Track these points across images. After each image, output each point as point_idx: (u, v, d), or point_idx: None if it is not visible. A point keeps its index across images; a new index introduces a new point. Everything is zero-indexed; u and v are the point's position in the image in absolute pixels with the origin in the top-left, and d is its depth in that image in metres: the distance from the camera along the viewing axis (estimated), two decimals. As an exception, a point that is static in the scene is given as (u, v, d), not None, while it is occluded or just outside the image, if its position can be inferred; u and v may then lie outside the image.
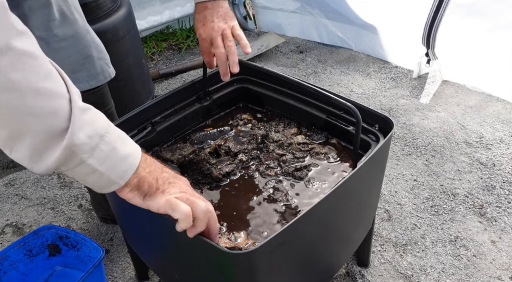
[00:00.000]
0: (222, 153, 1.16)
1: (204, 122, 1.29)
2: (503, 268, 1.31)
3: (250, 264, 0.80)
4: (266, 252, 0.80)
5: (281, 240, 0.81)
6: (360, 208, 1.08)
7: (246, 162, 1.15)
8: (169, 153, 1.16)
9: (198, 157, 1.13)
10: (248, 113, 1.31)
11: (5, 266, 1.24)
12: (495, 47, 1.90)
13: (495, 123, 1.85)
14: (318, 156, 1.14)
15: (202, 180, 1.09)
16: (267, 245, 0.77)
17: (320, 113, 1.20)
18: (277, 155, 1.15)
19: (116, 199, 1.02)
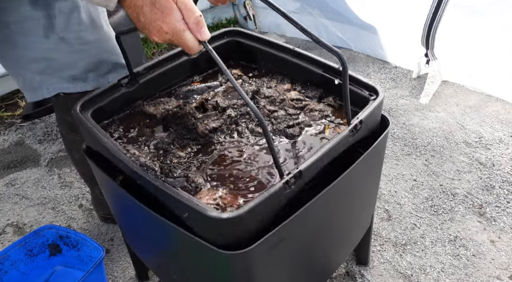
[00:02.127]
0: (210, 108, 1.08)
1: (191, 77, 1.20)
2: (502, 267, 1.31)
3: (247, 263, 0.80)
4: (262, 251, 0.80)
5: (277, 239, 0.81)
6: (358, 206, 1.08)
7: (235, 117, 1.06)
8: (152, 107, 1.09)
9: (183, 111, 1.05)
10: (239, 68, 1.22)
11: (6, 265, 1.25)
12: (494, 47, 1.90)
13: (494, 123, 1.85)
14: (313, 113, 1.05)
15: (187, 135, 1.01)
16: (264, 244, 0.78)
17: (316, 68, 1.10)
18: (268, 111, 1.07)
19: (115, 199, 1.03)
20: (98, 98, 1.04)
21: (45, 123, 2.03)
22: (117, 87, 1.07)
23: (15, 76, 1.17)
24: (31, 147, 1.91)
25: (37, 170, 1.78)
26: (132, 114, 1.10)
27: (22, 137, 1.96)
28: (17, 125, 2.04)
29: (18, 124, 2.04)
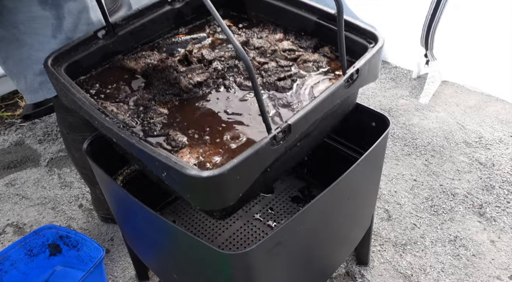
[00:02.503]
0: (194, 61, 0.99)
1: (176, 29, 1.11)
2: (502, 267, 1.31)
3: (247, 264, 0.80)
4: (263, 252, 0.80)
5: (277, 240, 0.81)
6: (357, 206, 1.08)
7: (222, 71, 0.97)
8: (133, 62, 1.00)
9: (164, 64, 0.96)
10: (228, 19, 1.12)
11: (6, 265, 1.25)
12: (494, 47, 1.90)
13: (494, 123, 1.85)
14: (306, 64, 0.97)
15: (169, 90, 0.93)
16: (264, 245, 0.78)
17: (311, 14, 1.01)
18: (258, 63, 0.98)
19: (115, 199, 1.03)
20: (73, 52, 0.94)
21: (45, 123, 2.03)
22: (93, 39, 0.98)
23: (17, 78, 1.17)
24: (31, 147, 1.90)
25: (37, 170, 1.78)
26: (110, 70, 1.01)
27: (22, 137, 1.96)
28: (17, 125, 2.04)
29: (18, 124, 2.04)
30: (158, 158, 0.71)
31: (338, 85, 0.81)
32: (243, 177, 0.71)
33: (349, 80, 0.83)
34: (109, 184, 0.98)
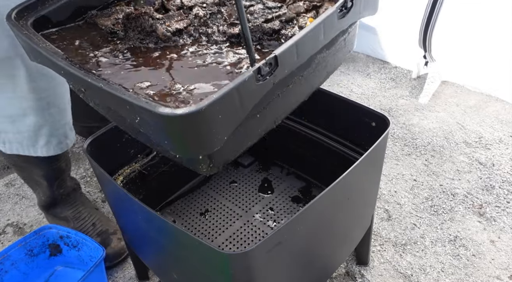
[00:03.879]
0: (172, 8, 0.90)
1: None
2: (502, 267, 1.31)
3: (247, 264, 0.80)
4: (263, 252, 0.80)
5: (277, 240, 0.81)
6: (357, 206, 1.08)
7: (204, 18, 0.88)
8: (105, 18, 0.91)
9: (138, 11, 0.87)
10: None
11: (6, 265, 1.25)
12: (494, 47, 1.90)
13: (494, 123, 1.85)
14: (297, 4, 0.86)
15: (145, 40, 0.85)
16: (264, 245, 0.78)
17: None
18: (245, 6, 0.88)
19: (115, 199, 1.03)
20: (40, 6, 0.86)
21: (45, 123, 2.03)
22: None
23: None
24: (31, 147, 1.90)
25: (37, 170, 1.78)
26: (83, 26, 0.92)
27: (22, 137, 1.96)
28: (17, 125, 2.04)
29: (18, 124, 2.04)
30: (128, 100, 0.62)
31: (330, 13, 0.72)
32: (225, 117, 0.61)
33: (343, 8, 0.75)
34: (109, 184, 0.98)
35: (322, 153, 1.30)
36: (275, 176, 1.45)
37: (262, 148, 1.49)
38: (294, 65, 0.70)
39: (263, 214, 1.32)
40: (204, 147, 0.64)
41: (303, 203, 1.35)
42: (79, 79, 0.71)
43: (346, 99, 1.15)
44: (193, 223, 1.31)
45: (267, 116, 0.77)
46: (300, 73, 0.77)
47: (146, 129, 0.66)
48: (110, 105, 0.70)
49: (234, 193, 1.40)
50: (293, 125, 1.33)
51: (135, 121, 0.66)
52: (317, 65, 0.82)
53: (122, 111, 0.67)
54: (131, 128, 0.78)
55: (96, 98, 0.76)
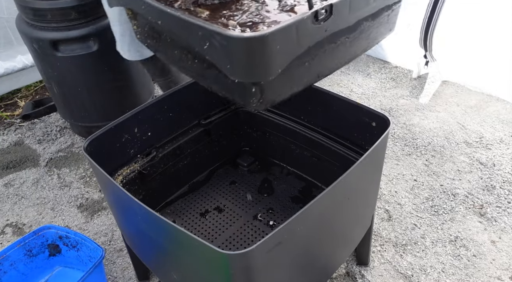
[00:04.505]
0: None
1: None
2: (503, 268, 1.31)
3: (247, 264, 0.79)
4: (262, 252, 0.80)
5: (277, 240, 0.81)
6: (358, 206, 1.08)
7: None
8: None
9: None
10: None
11: (5, 266, 1.24)
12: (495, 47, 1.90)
13: (495, 123, 1.85)
14: None
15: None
16: (263, 245, 0.77)
17: None
18: None
19: (115, 199, 1.02)
20: None
21: (45, 123, 2.02)
22: None
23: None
24: (30, 147, 1.90)
25: (36, 170, 1.78)
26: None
27: (22, 137, 1.96)
28: (17, 125, 2.03)
29: (17, 124, 2.04)
30: (203, 25, 0.73)
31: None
32: (283, 48, 0.70)
33: None
34: (109, 184, 0.97)
35: (322, 153, 1.29)
36: (275, 176, 1.44)
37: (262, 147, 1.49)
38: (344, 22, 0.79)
39: (263, 214, 1.32)
40: (261, 73, 0.73)
41: (303, 203, 1.35)
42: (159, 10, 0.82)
43: (347, 99, 1.14)
44: (193, 223, 1.31)
45: (313, 68, 0.86)
46: (346, 34, 0.86)
47: (213, 55, 0.74)
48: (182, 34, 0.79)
49: (234, 193, 1.39)
50: (293, 125, 1.33)
51: (203, 48, 0.75)
52: (361, 32, 0.89)
53: (193, 39, 0.76)
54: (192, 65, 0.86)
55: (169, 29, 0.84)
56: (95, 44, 1.61)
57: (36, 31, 1.57)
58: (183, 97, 1.26)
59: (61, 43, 1.58)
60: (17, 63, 2.08)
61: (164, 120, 1.25)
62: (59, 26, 1.56)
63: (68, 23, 1.56)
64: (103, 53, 1.63)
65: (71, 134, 1.95)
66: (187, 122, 1.33)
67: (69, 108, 1.78)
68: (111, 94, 1.74)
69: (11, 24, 1.84)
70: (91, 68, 1.65)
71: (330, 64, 0.93)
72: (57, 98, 1.79)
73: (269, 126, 1.40)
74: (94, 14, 1.59)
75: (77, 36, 1.57)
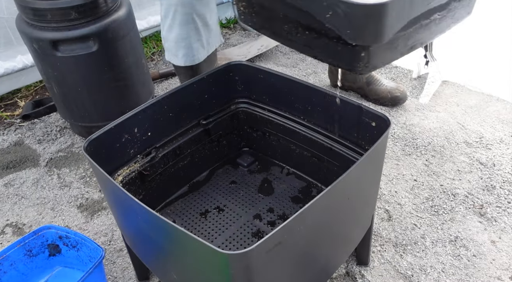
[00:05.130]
0: None
1: None
2: (503, 268, 1.31)
3: (247, 264, 0.79)
4: (262, 252, 0.80)
5: (277, 240, 0.81)
6: (358, 206, 1.08)
7: None
8: None
9: None
10: None
11: (5, 266, 1.24)
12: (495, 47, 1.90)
13: (495, 123, 1.85)
14: None
15: None
16: (263, 245, 0.77)
17: None
18: None
19: (115, 199, 1.02)
20: None
21: (45, 123, 2.02)
22: None
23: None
24: (30, 147, 1.90)
25: (36, 170, 1.78)
26: None
27: (21, 137, 1.96)
28: (16, 125, 2.03)
29: (17, 124, 2.04)
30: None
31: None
32: (397, 15, 0.82)
33: None
34: (109, 184, 0.97)
35: (322, 153, 1.29)
36: (275, 176, 1.45)
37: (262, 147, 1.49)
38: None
39: (263, 214, 1.32)
40: (377, 37, 0.84)
41: (303, 203, 1.35)
42: None
43: (347, 99, 1.14)
44: (193, 223, 1.31)
45: (409, 39, 0.99)
46: (438, 11, 0.98)
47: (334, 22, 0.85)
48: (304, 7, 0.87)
49: (234, 193, 1.39)
50: (293, 125, 1.33)
51: (325, 17, 0.85)
52: (448, 11, 1.02)
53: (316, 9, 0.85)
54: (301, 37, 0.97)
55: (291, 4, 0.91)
56: (95, 44, 1.61)
57: (36, 31, 1.57)
58: (183, 97, 1.26)
59: (61, 43, 1.58)
60: (17, 63, 2.08)
61: (164, 120, 1.25)
62: (59, 26, 1.56)
63: (68, 23, 1.56)
64: (103, 53, 1.63)
65: (71, 134, 1.96)
66: (187, 122, 1.33)
67: (69, 108, 1.78)
68: (111, 94, 1.74)
69: (11, 24, 1.84)
70: (91, 68, 1.65)
71: (421, 38, 1.04)
72: (57, 98, 1.79)
73: (269, 126, 1.40)
74: (94, 14, 1.59)
75: (77, 36, 1.57)
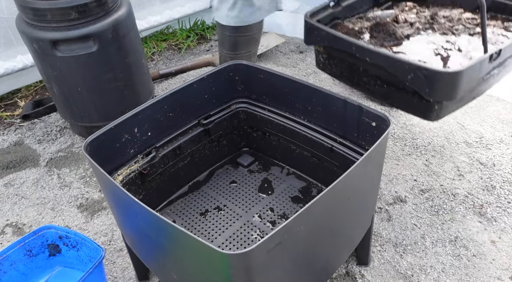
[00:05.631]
0: (401, 21, 1.45)
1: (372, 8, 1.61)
2: (503, 268, 1.31)
3: (247, 264, 0.80)
4: (262, 252, 0.80)
5: (277, 240, 0.81)
6: (358, 206, 1.08)
7: (421, 29, 1.41)
8: (350, 24, 1.47)
9: (383, 21, 1.42)
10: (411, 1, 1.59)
11: (5, 266, 1.24)
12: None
13: (495, 123, 1.85)
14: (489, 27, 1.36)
15: (387, 39, 1.35)
16: (263, 245, 0.77)
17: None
18: (448, 26, 1.40)
19: (115, 200, 1.02)
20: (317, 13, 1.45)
21: (45, 123, 2.02)
22: (326, 8, 1.46)
23: None
24: (30, 147, 1.90)
25: (36, 170, 1.78)
26: (335, 26, 1.47)
27: (22, 137, 1.96)
28: (17, 125, 2.03)
29: (17, 124, 2.04)
30: (410, 62, 1.11)
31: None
32: (468, 79, 1.06)
33: None
34: (109, 184, 0.97)
35: (322, 153, 1.29)
36: (275, 176, 1.45)
37: (262, 147, 1.49)
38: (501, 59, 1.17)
39: (263, 214, 1.32)
40: (451, 95, 1.12)
41: (303, 203, 1.35)
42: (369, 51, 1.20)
43: (347, 99, 1.14)
44: (193, 223, 1.31)
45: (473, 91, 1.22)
46: (497, 68, 1.21)
47: (413, 83, 1.11)
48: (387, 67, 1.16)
49: (234, 193, 1.39)
50: (293, 125, 1.33)
51: (406, 78, 1.11)
52: (504, 67, 1.25)
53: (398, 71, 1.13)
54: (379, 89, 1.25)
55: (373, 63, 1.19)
56: (95, 44, 1.61)
57: (36, 31, 1.57)
58: (183, 97, 1.26)
59: (61, 43, 1.58)
60: (17, 63, 2.08)
61: (164, 120, 1.25)
62: (59, 26, 1.56)
63: (68, 23, 1.56)
64: (103, 53, 1.63)
65: (71, 134, 1.96)
66: (187, 122, 1.33)
67: (69, 108, 1.78)
68: (111, 94, 1.74)
69: (11, 24, 1.84)
70: (91, 68, 1.65)
71: (482, 89, 1.28)
72: (57, 98, 1.79)
73: (269, 126, 1.40)
74: (94, 14, 1.59)
75: (77, 36, 1.57)
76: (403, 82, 1.13)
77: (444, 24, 1.40)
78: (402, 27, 1.40)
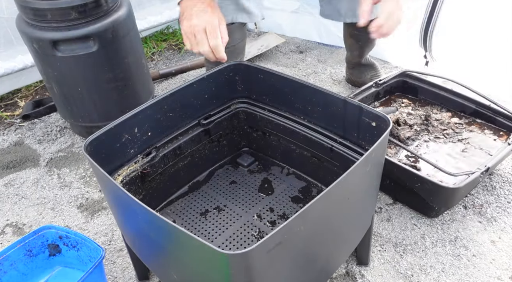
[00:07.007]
0: (401, 123, 1.63)
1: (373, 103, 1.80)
2: (503, 268, 1.31)
3: (247, 264, 0.79)
4: (262, 252, 0.80)
5: (277, 240, 0.81)
6: (358, 207, 1.08)
7: (419, 131, 1.63)
8: None
9: None
10: (406, 98, 1.81)
11: (5, 266, 1.24)
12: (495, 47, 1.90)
13: (495, 123, 1.85)
14: (473, 132, 1.61)
15: (394, 140, 1.45)
16: (264, 245, 0.77)
17: (469, 103, 1.68)
18: (441, 129, 1.63)
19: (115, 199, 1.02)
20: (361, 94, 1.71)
21: (45, 123, 2.03)
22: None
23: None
24: (30, 147, 1.90)
25: (37, 170, 1.78)
26: None
27: (22, 137, 1.96)
28: (17, 125, 2.03)
29: (17, 124, 2.04)
30: (418, 174, 1.35)
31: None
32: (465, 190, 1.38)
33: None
34: (109, 184, 0.97)
35: (322, 153, 1.29)
36: (275, 176, 1.45)
37: (262, 147, 1.49)
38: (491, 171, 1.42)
39: (263, 214, 1.32)
40: (449, 204, 1.42)
41: (303, 203, 1.35)
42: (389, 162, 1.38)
43: (347, 99, 1.14)
44: (193, 223, 1.31)
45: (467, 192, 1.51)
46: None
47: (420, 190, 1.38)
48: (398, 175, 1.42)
49: (234, 193, 1.39)
50: (293, 125, 1.33)
51: (414, 185, 1.38)
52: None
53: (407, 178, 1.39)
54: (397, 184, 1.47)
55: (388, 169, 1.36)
56: (95, 44, 1.61)
57: (36, 31, 1.57)
58: (183, 97, 1.26)
59: (61, 43, 1.58)
60: (17, 63, 2.08)
61: (164, 120, 1.25)
62: (59, 26, 1.56)
63: (68, 23, 1.56)
64: (103, 53, 1.63)
65: (71, 134, 1.96)
66: (187, 122, 1.33)
67: (69, 108, 1.78)
68: (111, 94, 1.74)
69: (11, 24, 1.84)
70: (91, 68, 1.65)
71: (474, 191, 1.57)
72: (57, 98, 1.79)
73: (269, 126, 1.40)
74: (94, 14, 1.59)
75: (77, 36, 1.57)
76: (410, 187, 1.38)
77: (437, 127, 1.64)
78: (404, 129, 1.61)
